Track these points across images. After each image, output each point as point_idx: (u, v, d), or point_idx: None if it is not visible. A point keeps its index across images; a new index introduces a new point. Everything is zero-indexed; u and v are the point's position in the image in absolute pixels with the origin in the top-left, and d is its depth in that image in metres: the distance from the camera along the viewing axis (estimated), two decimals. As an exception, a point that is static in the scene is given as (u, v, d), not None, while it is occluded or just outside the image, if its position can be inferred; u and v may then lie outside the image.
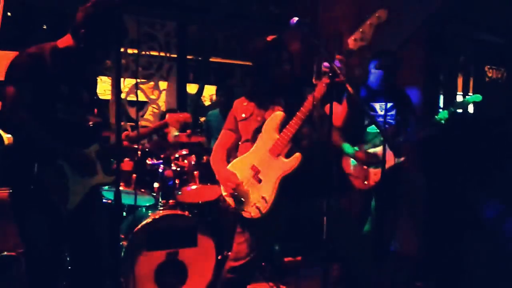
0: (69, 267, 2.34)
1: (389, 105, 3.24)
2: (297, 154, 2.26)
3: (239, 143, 2.49)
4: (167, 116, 2.70)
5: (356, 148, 3.19)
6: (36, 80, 2.03)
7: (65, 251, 2.37)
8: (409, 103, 3.36)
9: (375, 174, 3.15)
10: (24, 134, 2.04)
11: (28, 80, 2.01)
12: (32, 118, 2.01)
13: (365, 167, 3.17)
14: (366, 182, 3.16)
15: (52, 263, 2.11)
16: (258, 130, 2.37)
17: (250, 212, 2.28)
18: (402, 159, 3.16)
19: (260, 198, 2.27)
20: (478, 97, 3.18)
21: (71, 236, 2.22)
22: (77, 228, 2.19)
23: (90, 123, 2.27)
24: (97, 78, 2.40)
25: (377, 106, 3.27)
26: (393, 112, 3.25)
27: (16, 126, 2.03)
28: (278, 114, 2.33)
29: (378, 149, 3.13)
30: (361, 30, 2.11)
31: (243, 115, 2.45)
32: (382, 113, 3.21)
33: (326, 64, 2.10)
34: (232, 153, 2.55)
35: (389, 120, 3.25)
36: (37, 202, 2.03)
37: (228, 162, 2.48)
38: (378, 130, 3.10)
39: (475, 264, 3.57)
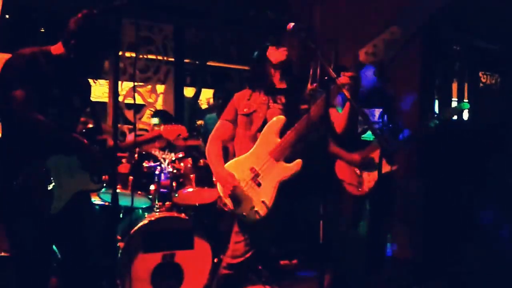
0: (61, 269, 2.35)
1: (378, 111, 3.26)
2: (298, 160, 2.27)
3: (236, 138, 2.49)
4: (162, 127, 2.69)
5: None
6: (31, 82, 2.02)
7: (55, 254, 2.37)
8: (397, 109, 3.39)
9: (368, 181, 3.17)
10: (42, 132, 2.03)
11: (30, 79, 2.01)
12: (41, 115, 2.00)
13: (358, 172, 3.19)
14: (360, 189, 3.18)
15: (40, 265, 2.11)
16: (259, 129, 2.38)
17: (249, 215, 2.30)
18: (395, 167, 3.18)
19: (259, 202, 2.28)
20: (466, 105, 3.23)
21: (58, 239, 2.22)
22: (63, 232, 2.18)
23: (82, 128, 2.27)
24: (89, 81, 2.40)
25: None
26: (384, 119, 3.27)
27: (34, 125, 2.02)
28: (280, 119, 2.33)
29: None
30: (373, 44, 2.08)
31: (245, 110, 2.45)
32: (373, 119, 3.24)
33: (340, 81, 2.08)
34: (227, 144, 2.55)
35: (382, 127, 3.28)
36: (21, 205, 2.03)
37: (224, 154, 2.49)
38: (373, 137, 3.15)
39: (472, 268, 3.60)
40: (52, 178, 2.08)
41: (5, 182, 2.04)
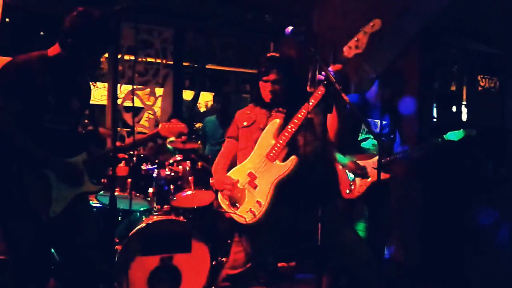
0: (59, 271, 2.34)
1: (383, 122, 3.27)
2: (293, 157, 2.27)
3: (238, 150, 2.51)
4: (160, 126, 2.65)
5: (348, 158, 3.21)
6: (24, 90, 2.02)
7: (53, 256, 2.37)
8: (399, 120, 3.39)
9: (360, 185, 3.16)
10: (12, 143, 2.01)
11: (16, 89, 2.01)
12: (19, 127, 2.00)
13: (352, 176, 3.19)
14: (350, 193, 3.17)
15: (38, 268, 2.11)
16: (258, 137, 2.40)
17: (245, 217, 2.29)
18: (390, 175, 3.17)
19: (255, 203, 2.28)
20: (473, 132, 3.25)
21: (56, 242, 2.22)
22: (62, 235, 2.18)
23: (81, 130, 2.27)
24: (90, 84, 2.40)
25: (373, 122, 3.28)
26: (386, 129, 3.28)
27: (5, 136, 2.01)
28: (275, 122, 2.35)
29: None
30: (356, 38, 2.14)
31: (245, 123, 2.48)
32: (377, 130, 3.24)
33: (321, 75, 2.12)
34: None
35: (383, 138, 3.28)
36: (18, 208, 2.03)
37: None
38: (372, 144, 3.15)
39: (471, 271, 3.60)
40: (51, 182, 2.08)
41: (3, 186, 2.04)
